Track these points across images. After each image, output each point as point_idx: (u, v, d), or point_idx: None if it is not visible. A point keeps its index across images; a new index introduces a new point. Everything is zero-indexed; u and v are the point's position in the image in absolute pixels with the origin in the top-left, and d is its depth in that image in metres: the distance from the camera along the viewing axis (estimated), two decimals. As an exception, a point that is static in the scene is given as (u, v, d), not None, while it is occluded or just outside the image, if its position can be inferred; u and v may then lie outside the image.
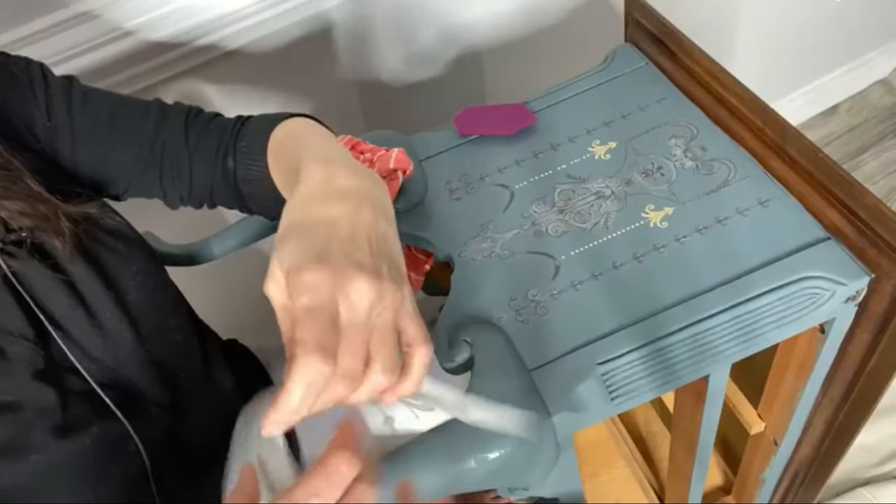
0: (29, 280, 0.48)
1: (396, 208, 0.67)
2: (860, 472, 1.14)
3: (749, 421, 0.75)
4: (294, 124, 0.56)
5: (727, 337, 0.54)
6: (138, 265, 0.55)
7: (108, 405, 0.51)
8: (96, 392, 0.51)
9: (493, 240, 0.63)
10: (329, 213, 0.37)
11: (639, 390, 0.53)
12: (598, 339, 0.53)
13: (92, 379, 0.50)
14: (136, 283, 0.54)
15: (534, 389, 0.50)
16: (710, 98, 0.68)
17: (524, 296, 0.58)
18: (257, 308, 0.71)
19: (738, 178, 0.62)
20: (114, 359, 0.52)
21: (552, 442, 0.49)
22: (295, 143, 0.53)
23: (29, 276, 0.48)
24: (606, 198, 0.63)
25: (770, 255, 0.56)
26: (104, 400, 0.51)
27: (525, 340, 0.54)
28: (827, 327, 0.58)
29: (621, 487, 1.05)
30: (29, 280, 0.48)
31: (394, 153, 0.67)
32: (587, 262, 0.59)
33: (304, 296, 0.33)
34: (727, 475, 1.02)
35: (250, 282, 0.62)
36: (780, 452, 0.76)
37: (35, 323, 0.48)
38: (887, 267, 0.53)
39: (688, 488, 0.79)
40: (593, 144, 0.69)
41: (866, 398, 0.64)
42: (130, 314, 0.53)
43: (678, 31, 0.69)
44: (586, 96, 0.74)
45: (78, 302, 0.50)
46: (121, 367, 0.53)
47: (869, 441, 1.15)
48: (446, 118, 0.74)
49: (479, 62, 1.05)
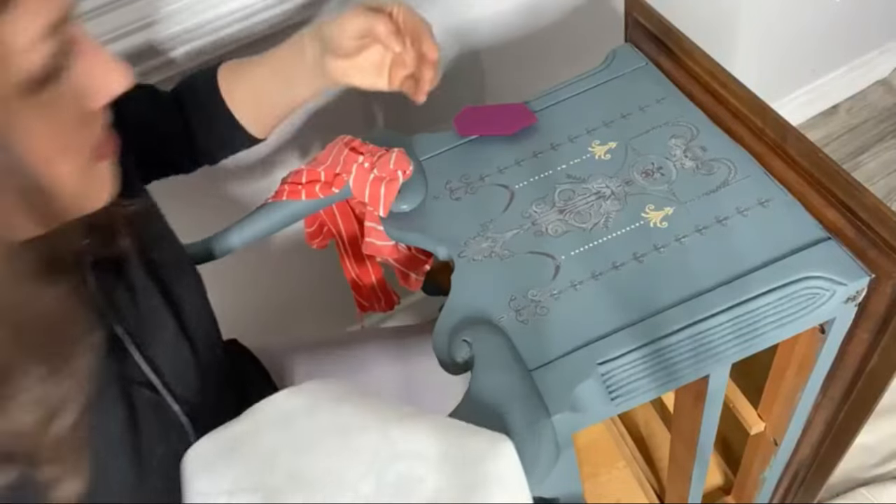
0: (107, 293, 0.48)
1: (397, 209, 0.67)
2: (860, 472, 1.14)
3: (749, 421, 0.75)
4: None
5: (727, 337, 0.54)
6: (189, 277, 0.55)
7: (178, 419, 0.51)
8: (169, 406, 0.50)
9: (493, 240, 0.63)
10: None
11: (639, 390, 0.53)
12: (598, 339, 0.53)
13: (164, 392, 0.50)
14: (188, 294, 0.54)
15: (534, 389, 0.50)
16: (710, 98, 0.68)
17: (524, 296, 0.58)
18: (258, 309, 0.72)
19: (738, 178, 0.62)
20: (176, 371, 0.51)
21: (552, 442, 0.49)
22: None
23: (106, 289, 0.48)
24: (606, 198, 0.63)
25: (770, 255, 0.56)
26: (176, 414, 0.51)
27: (525, 340, 0.54)
28: (827, 327, 0.58)
29: (621, 487, 1.05)
30: (107, 293, 0.48)
31: (394, 153, 0.67)
32: (587, 262, 0.59)
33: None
34: (727, 475, 1.02)
35: (249, 283, 0.62)
36: (780, 452, 0.76)
37: (110, 337, 0.47)
38: (887, 267, 0.53)
39: (688, 488, 0.79)
40: (593, 144, 0.69)
41: (866, 398, 0.64)
42: (187, 327, 0.53)
43: (678, 31, 0.69)
44: (586, 96, 0.74)
45: (146, 313, 0.50)
46: (182, 380, 0.52)
47: (869, 441, 1.15)
48: (446, 118, 0.74)
49: (479, 62, 1.05)
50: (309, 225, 0.76)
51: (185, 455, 0.42)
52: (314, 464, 0.40)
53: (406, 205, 0.67)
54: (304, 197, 0.68)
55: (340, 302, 0.98)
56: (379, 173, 0.66)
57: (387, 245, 0.72)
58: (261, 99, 0.65)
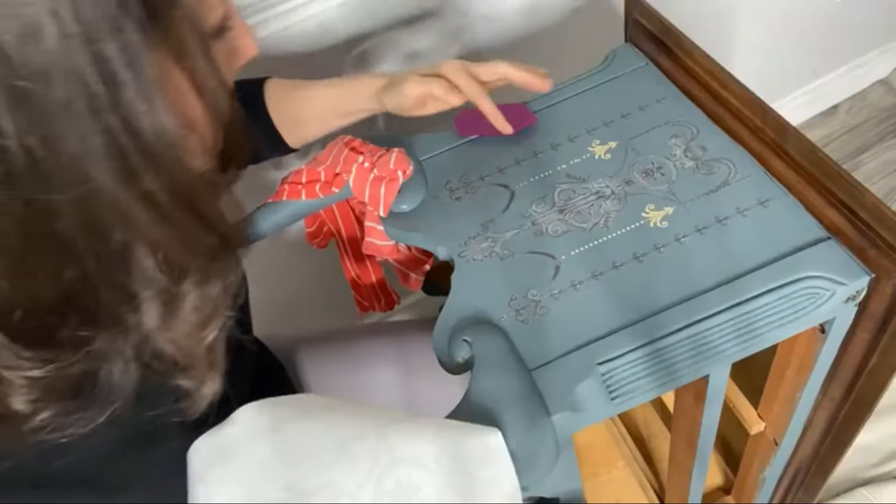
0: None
1: (397, 209, 0.67)
2: (860, 472, 1.14)
3: (749, 421, 0.75)
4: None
5: (727, 337, 0.54)
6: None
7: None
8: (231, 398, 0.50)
9: (493, 240, 0.63)
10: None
11: (639, 390, 0.53)
12: (598, 339, 0.53)
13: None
14: (242, 286, 0.54)
15: (534, 389, 0.50)
16: (710, 98, 0.68)
17: (524, 296, 0.58)
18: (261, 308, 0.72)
19: (738, 177, 0.62)
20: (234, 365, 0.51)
21: (552, 442, 0.49)
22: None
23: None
24: (606, 198, 0.63)
25: (770, 254, 0.56)
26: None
27: (525, 340, 0.54)
28: (827, 327, 0.58)
29: (621, 487, 1.05)
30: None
31: (394, 153, 0.67)
32: (587, 262, 0.59)
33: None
34: (727, 475, 1.02)
35: (251, 281, 0.62)
36: (780, 452, 0.76)
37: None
38: (887, 267, 0.53)
39: (688, 488, 0.79)
40: (593, 144, 0.69)
41: (866, 398, 0.64)
42: (243, 321, 0.53)
43: (678, 31, 0.69)
44: (586, 96, 0.74)
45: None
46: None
47: (869, 441, 1.15)
48: (446, 118, 0.74)
49: (478, 62, 1.05)
50: (309, 225, 0.76)
51: (190, 451, 0.42)
52: (310, 475, 0.40)
53: (406, 205, 0.67)
54: (304, 197, 0.68)
55: (342, 301, 0.98)
56: (379, 173, 0.66)
57: (387, 245, 0.72)
58: (310, 120, 0.72)
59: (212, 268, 0.40)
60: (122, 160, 0.33)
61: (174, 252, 0.38)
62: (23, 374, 0.36)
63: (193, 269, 0.39)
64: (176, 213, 0.37)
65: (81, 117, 0.32)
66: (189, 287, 0.39)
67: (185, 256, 0.39)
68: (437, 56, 1.02)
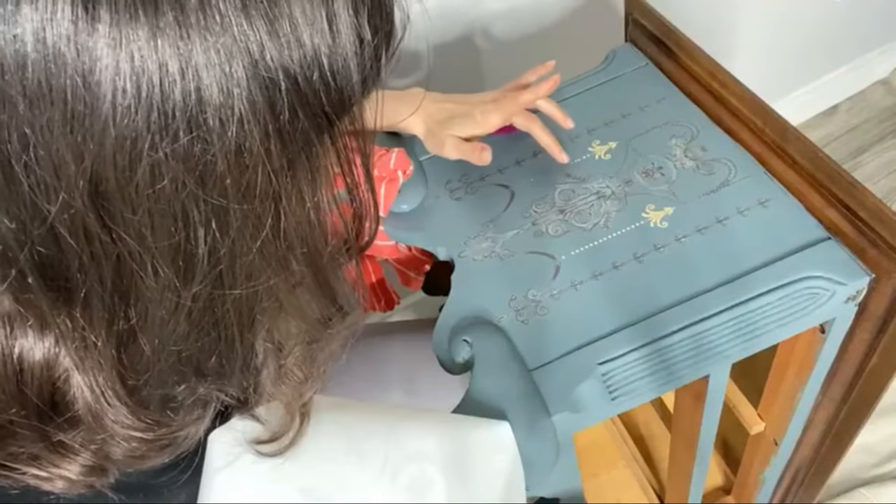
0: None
1: (397, 208, 0.67)
2: (860, 472, 1.14)
3: (749, 421, 0.75)
4: None
5: (727, 337, 0.54)
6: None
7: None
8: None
9: (493, 240, 0.63)
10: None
11: (639, 390, 0.53)
12: (598, 339, 0.53)
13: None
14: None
15: (534, 389, 0.50)
16: (710, 98, 0.68)
17: (524, 296, 0.58)
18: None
19: (738, 178, 0.62)
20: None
21: (553, 442, 0.49)
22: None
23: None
24: (606, 198, 0.63)
25: (770, 254, 0.56)
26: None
27: (525, 340, 0.54)
28: (827, 327, 0.58)
29: (621, 487, 1.05)
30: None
31: (394, 153, 0.67)
32: (587, 262, 0.59)
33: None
34: (727, 475, 1.02)
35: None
36: (780, 452, 0.76)
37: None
38: (887, 267, 0.53)
39: (688, 488, 0.79)
40: (593, 144, 0.69)
41: (866, 398, 0.64)
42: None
43: (678, 31, 0.69)
44: (586, 96, 0.74)
45: None
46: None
47: (869, 441, 1.15)
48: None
49: (479, 62, 1.05)
50: (309, 225, 0.76)
51: (211, 436, 0.42)
52: (325, 477, 0.40)
53: (406, 205, 0.67)
54: (304, 197, 0.68)
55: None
56: (379, 173, 0.66)
57: (387, 245, 0.72)
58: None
59: (324, 334, 0.40)
60: (286, 263, 0.33)
61: (299, 322, 0.38)
62: (136, 435, 0.36)
63: (305, 333, 0.39)
64: (311, 291, 0.37)
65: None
66: (298, 350, 0.39)
67: (306, 325, 0.39)
68: (437, 55, 1.02)
